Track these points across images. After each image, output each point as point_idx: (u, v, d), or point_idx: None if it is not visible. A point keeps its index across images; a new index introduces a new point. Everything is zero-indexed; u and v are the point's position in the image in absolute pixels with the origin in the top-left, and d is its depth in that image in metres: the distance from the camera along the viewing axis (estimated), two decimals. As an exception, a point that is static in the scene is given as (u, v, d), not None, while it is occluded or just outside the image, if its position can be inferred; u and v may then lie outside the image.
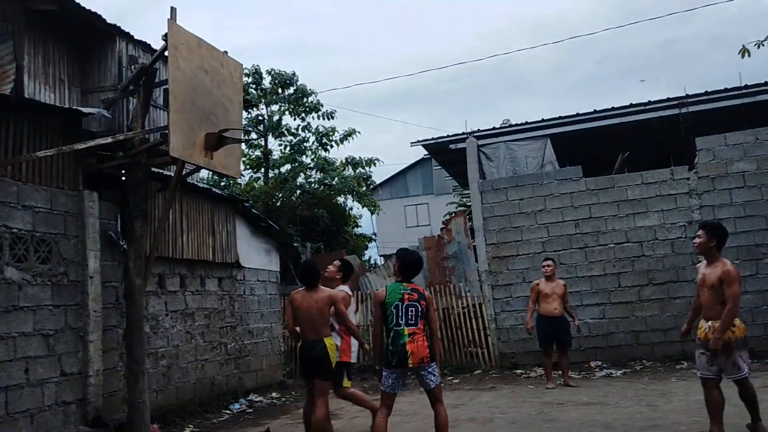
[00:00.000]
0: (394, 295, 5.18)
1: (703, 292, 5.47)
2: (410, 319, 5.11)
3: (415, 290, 5.27)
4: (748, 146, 10.92)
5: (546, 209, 11.91)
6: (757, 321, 10.57)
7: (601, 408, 7.46)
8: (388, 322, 5.12)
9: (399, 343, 5.06)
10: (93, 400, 6.94)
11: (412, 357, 5.06)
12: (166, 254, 8.60)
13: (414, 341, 5.08)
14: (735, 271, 5.33)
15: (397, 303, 5.14)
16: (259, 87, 19.78)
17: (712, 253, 5.47)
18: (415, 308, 5.17)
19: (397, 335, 5.08)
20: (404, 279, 5.33)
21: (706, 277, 5.44)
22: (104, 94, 9.08)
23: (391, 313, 5.12)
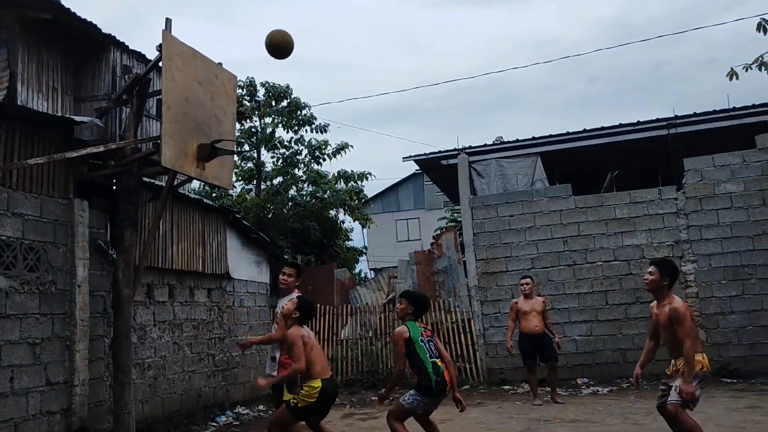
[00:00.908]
0: (416, 332, 5.44)
1: (661, 332, 5.35)
2: (435, 352, 5.43)
3: (426, 328, 5.64)
4: (736, 168, 11.05)
5: (535, 226, 11.99)
6: (742, 341, 10.65)
7: (588, 426, 7.48)
8: (424, 356, 5.34)
9: (440, 373, 5.30)
10: (78, 410, 6.90)
11: (448, 385, 5.36)
12: (155, 264, 8.59)
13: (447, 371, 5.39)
14: (684, 307, 5.14)
15: (422, 338, 5.42)
16: (253, 99, 19.83)
17: (663, 291, 5.29)
18: (433, 343, 5.53)
19: (436, 366, 5.31)
20: (416, 318, 5.62)
21: (659, 317, 5.29)
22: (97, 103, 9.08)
23: (421, 347, 5.36)
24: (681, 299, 5.29)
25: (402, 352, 5.41)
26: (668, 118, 12.22)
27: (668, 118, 12.22)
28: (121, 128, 8.35)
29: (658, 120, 12.35)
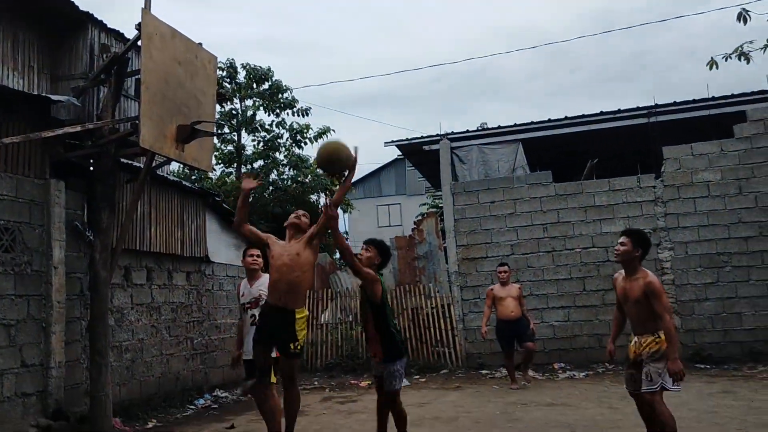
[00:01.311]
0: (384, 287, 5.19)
1: (627, 306, 5.09)
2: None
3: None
4: (713, 157, 11.18)
5: (516, 213, 12.05)
6: (716, 328, 10.83)
7: (564, 409, 7.57)
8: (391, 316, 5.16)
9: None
10: (54, 392, 6.85)
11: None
12: (133, 246, 8.52)
13: None
14: (659, 282, 4.96)
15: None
16: (234, 81, 19.62)
17: (634, 264, 5.04)
18: None
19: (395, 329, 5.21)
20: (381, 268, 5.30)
21: (628, 291, 5.03)
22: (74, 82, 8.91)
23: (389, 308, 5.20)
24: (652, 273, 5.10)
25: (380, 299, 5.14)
26: (648, 106, 12.31)
27: (648, 106, 12.31)
28: (98, 108, 8.21)
29: (639, 108, 12.43)
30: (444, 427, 6.86)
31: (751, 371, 9.68)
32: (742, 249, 10.87)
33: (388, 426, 5.40)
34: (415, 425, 7.04)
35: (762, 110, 11.10)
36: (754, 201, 10.88)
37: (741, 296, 10.78)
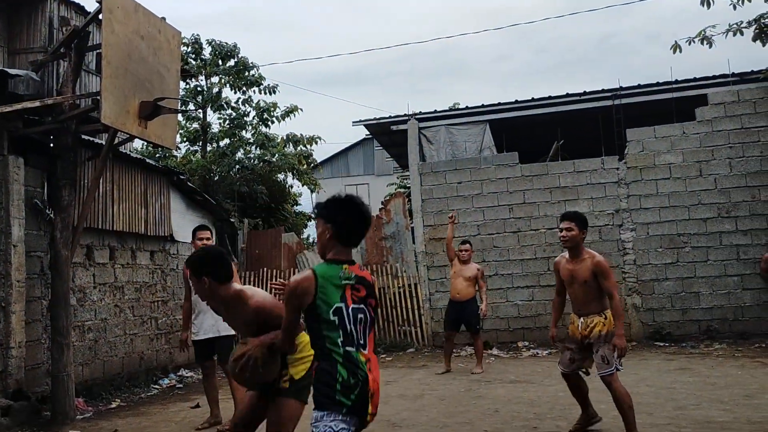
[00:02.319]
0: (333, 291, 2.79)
1: (573, 288, 5.18)
2: (360, 338, 2.82)
3: (362, 281, 2.92)
4: (676, 139, 11.38)
5: (482, 193, 12.14)
6: (675, 307, 11.11)
7: (527, 386, 7.72)
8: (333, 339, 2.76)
9: (360, 373, 2.76)
10: (14, 372, 6.74)
11: (372, 402, 2.80)
12: (95, 225, 8.37)
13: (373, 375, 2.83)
14: (606, 262, 5.11)
15: (339, 306, 2.78)
16: (199, 57, 19.25)
17: (580, 246, 5.15)
18: (364, 315, 2.88)
19: (353, 363, 2.76)
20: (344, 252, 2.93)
21: (576, 272, 5.11)
22: (33, 55, 8.65)
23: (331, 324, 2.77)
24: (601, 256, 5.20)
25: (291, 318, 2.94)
26: (613, 89, 12.46)
27: (613, 89, 12.46)
28: (58, 83, 8.00)
29: (604, 91, 12.58)
30: (410, 404, 6.94)
31: (708, 349, 9.98)
32: (701, 230, 11.14)
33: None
34: (381, 403, 7.08)
35: (723, 94, 11.32)
36: (713, 183, 11.14)
37: (699, 276, 11.07)
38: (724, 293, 10.96)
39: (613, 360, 4.93)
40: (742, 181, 11.03)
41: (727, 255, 10.99)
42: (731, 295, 10.92)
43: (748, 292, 10.87)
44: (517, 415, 6.10)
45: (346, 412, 2.69)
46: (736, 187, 11.04)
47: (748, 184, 11.00)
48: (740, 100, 11.18)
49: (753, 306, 10.82)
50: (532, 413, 6.17)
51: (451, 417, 6.19)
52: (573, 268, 5.17)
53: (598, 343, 5.00)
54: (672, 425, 5.40)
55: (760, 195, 10.94)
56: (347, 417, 2.69)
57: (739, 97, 11.19)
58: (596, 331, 5.02)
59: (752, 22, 9.69)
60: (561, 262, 5.33)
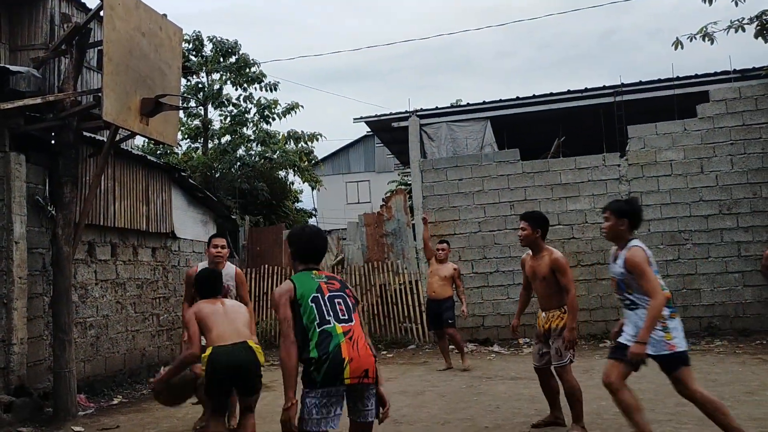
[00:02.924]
0: (308, 287, 3.49)
1: (536, 284, 5.42)
2: (341, 314, 3.44)
3: (332, 278, 3.67)
4: (677, 136, 11.37)
5: (483, 190, 12.13)
6: (677, 303, 11.07)
7: (528, 382, 7.72)
8: (310, 322, 3.37)
9: (331, 347, 3.30)
10: (16, 368, 6.75)
11: (350, 367, 3.29)
12: (96, 222, 8.38)
13: (353, 343, 3.36)
14: (564, 258, 5.29)
15: (315, 296, 3.46)
16: (200, 54, 19.27)
17: (538, 244, 5.36)
18: (343, 299, 3.56)
19: (326, 336, 3.33)
20: (309, 265, 3.68)
21: (536, 268, 5.34)
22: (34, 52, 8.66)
23: (308, 309, 3.40)
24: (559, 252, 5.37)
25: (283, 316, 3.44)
26: (615, 86, 12.45)
27: (615, 86, 12.45)
28: (59, 80, 8.01)
29: (605, 87, 12.57)
30: (411, 401, 6.95)
31: (709, 345, 9.99)
32: (702, 227, 11.13)
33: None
34: (382, 399, 7.13)
35: (724, 91, 11.31)
36: (714, 180, 11.13)
37: (700, 273, 11.07)
38: (725, 290, 10.96)
39: (567, 353, 5.18)
40: (743, 178, 11.03)
41: (729, 252, 10.99)
42: (732, 292, 10.93)
43: (749, 288, 10.87)
44: (518, 411, 6.12)
45: (319, 385, 3.27)
46: (738, 183, 11.03)
47: (750, 180, 11.00)
48: (741, 96, 11.17)
49: (754, 303, 10.82)
50: (533, 409, 6.18)
51: (452, 413, 6.20)
52: (534, 265, 5.41)
53: (554, 336, 5.26)
54: (673, 421, 5.41)
55: (761, 192, 10.93)
56: (320, 389, 3.28)
57: (741, 94, 11.18)
58: (554, 324, 5.27)
59: (754, 19, 9.69)
60: (526, 259, 5.59)
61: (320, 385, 3.27)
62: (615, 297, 11.22)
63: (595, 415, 5.79)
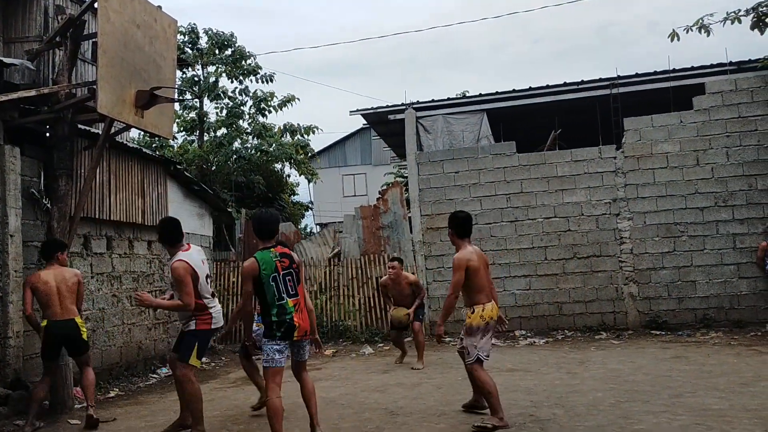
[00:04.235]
0: (269, 267, 4.76)
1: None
2: (290, 290, 4.80)
3: (285, 255, 4.89)
4: (673, 128, 11.38)
5: (480, 183, 12.13)
6: (672, 295, 11.15)
7: (524, 374, 7.76)
8: (270, 296, 4.73)
9: (286, 316, 4.74)
10: (12, 361, 6.74)
11: (298, 330, 4.79)
12: (92, 215, 8.36)
13: (299, 312, 4.82)
14: (458, 259, 5.46)
15: (274, 275, 4.76)
16: (196, 47, 19.20)
17: (456, 242, 5.69)
18: (292, 276, 4.85)
19: (283, 309, 4.74)
20: (267, 242, 4.91)
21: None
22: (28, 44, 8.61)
23: (269, 287, 4.73)
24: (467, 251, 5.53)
25: (249, 291, 4.81)
26: (611, 78, 12.44)
27: (611, 78, 12.44)
28: (54, 72, 7.96)
29: (601, 80, 12.55)
30: (407, 393, 6.97)
31: (704, 337, 10.03)
32: (698, 219, 11.16)
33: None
34: (378, 391, 7.16)
35: (720, 83, 11.31)
36: (710, 172, 11.15)
37: (696, 265, 11.10)
38: (720, 282, 11.00)
39: (474, 351, 5.41)
40: (739, 170, 11.05)
41: (724, 244, 11.02)
42: (727, 284, 10.96)
43: (745, 280, 10.91)
44: (515, 403, 6.13)
45: (279, 338, 4.75)
46: (733, 176, 11.06)
47: (745, 173, 11.02)
48: (737, 89, 11.17)
49: (749, 294, 10.86)
50: (529, 401, 6.20)
51: (449, 405, 6.22)
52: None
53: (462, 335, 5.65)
54: (668, 413, 5.43)
55: (756, 184, 10.96)
56: (278, 341, 4.77)
57: (737, 86, 11.19)
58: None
59: (750, 11, 9.68)
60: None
61: (279, 339, 4.76)
62: (611, 289, 11.32)
63: (591, 406, 5.82)
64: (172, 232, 5.54)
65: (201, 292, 5.38)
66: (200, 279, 5.38)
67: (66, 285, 6.32)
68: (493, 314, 5.47)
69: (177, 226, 5.60)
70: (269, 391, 4.74)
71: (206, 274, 5.52)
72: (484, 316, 5.41)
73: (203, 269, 5.47)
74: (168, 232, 5.57)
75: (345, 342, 11.90)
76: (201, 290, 5.38)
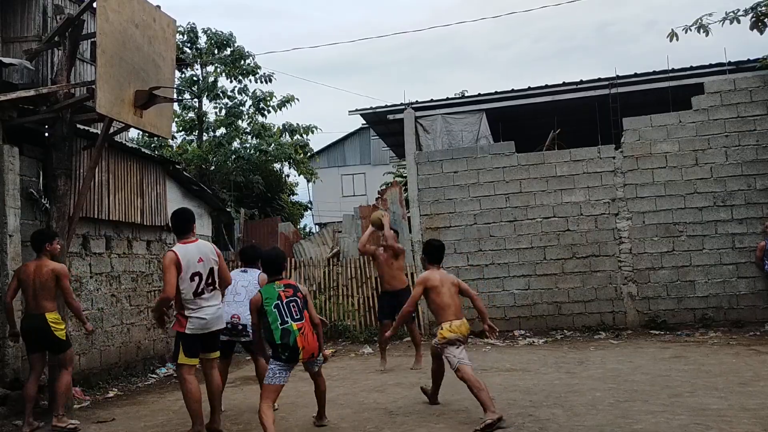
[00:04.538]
0: (271, 296, 5.15)
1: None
2: (295, 315, 5.13)
3: (288, 286, 5.29)
4: (672, 128, 11.38)
5: (479, 182, 12.13)
6: (671, 295, 11.15)
7: (523, 374, 7.75)
8: (272, 321, 5.07)
9: (291, 339, 5.03)
10: (11, 361, 6.74)
11: (303, 352, 5.09)
12: (91, 215, 8.35)
13: (304, 335, 5.11)
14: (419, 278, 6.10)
15: (276, 303, 5.13)
16: (195, 46, 19.21)
17: (425, 266, 6.23)
18: (296, 303, 5.20)
19: (286, 333, 5.04)
20: (272, 277, 5.35)
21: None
22: (27, 44, 8.61)
23: (272, 313, 5.08)
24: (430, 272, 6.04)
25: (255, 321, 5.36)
26: (610, 78, 12.45)
27: (610, 78, 12.45)
28: (53, 72, 7.96)
29: (600, 80, 12.57)
30: (406, 393, 6.97)
31: (703, 337, 10.04)
32: (696, 219, 11.16)
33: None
34: (377, 391, 7.16)
35: (719, 83, 11.32)
36: (709, 172, 11.15)
37: (695, 264, 11.10)
38: (719, 282, 11.00)
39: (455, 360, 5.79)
40: (738, 170, 11.05)
41: (723, 243, 11.03)
42: (726, 284, 10.97)
43: (743, 280, 10.91)
44: (514, 402, 6.14)
45: (283, 361, 5.07)
46: (732, 176, 11.06)
47: (744, 172, 11.02)
48: (736, 88, 11.18)
49: (748, 294, 10.87)
50: (528, 401, 6.20)
51: (447, 405, 6.22)
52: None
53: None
54: (667, 412, 5.43)
55: (755, 184, 10.96)
56: (283, 363, 5.08)
57: (735, 86, 11.19)
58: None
59: (749, 10, 9.69)
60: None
61: (284, 361, 5.07)
62: (610, 289, 11.32)
63: (590, 406, 5.82)
64: (177, 224, 5.61)
65: (180, 283, 5.23)
66: (182, 274, 5.24)
67: (40, 279, 6.06)
68: (462, 330, 5.81)
69: (184, 218, 5.61)
70: (262, 402, 5.04)
71: (197, 271, 5.32)
72: (452, 330, 5.78)
73: (196, 265, 5.32)
74: (174, 223, 5.68)
75: (344, 342, 11.90)
76: (180, 282, 5.23)
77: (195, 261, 5.33)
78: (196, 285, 5.31)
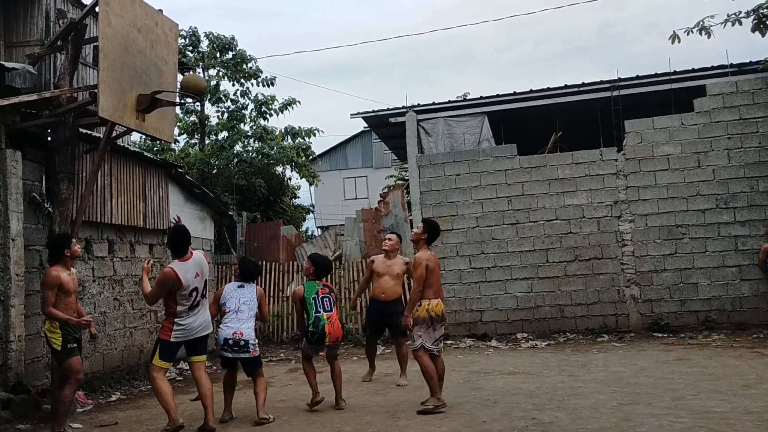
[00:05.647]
0: (311, 291, 6.46)
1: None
2: (327, 307, 6.43)
3: (325, 286, 6.62)
4: (674, 130, 11.37)
5: (481, 185, 12.13)
6: (674, 297, 11.13)
7: (526, 377, 7.74)
8: (310, 311, 6.36)
9: (320, 326, 6.31)
10: (15, 365, 6.75)
11: (329, 337, 6.35)
12: (93, 218, 8.36)
13: (331, 323, 6.38)
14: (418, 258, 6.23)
15: (314, 296, 6.43)
16: (197, 50, 19.23)
17: (421, 245, 6.44)
18: (329, 298, 6.51)
19: (317, 320, 6.33)
20: (317, 278, 6.62)
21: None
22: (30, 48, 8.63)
23: (310, 304, 6.38)
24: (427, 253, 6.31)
25: (298, 308, 6.54)
26: (612, 80, 12.44)
27: (612, 80, 12.44)
28: (55, 76, 7.99)
29: (602, 82, 12.56)
30: (409, 395, 6.97)
31: (706, 339, 10.01)
32: (699, 221, 11.14)
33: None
34: (380, 394, 7.16)
35: (721, 85, 11.31)
36: (711, 174, 11.14)
37: (698, 267, 11.08)
38: (722, 284, 10.98)
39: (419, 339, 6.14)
40: (740, 172, 11.04)
41: (726, 246, 11.01)
42: (729, 286, 10.95)
43: (747, 282, 10.89)
44: (516, 405, 6.13)
45: (314, 343, 6.38)
46: (735, 178, 11.04)
47: (747, 175, 11.01)
48: (738, 91, 11.17)
49: (751, 297, 10.84)
50: (531, 404, 6.19)
51: (450, 408, 6.21)
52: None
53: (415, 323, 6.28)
54: (670, 415, 5.42)
55: (758, 186, 10.95)
56: (312, 345, 6.43)
57: (738, 88, 11.18)
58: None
59: (751, 12, 9.68)
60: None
61: (314, 342, 6.37)
62: (612, 291, 11.32)
63: (593, 409, 5.81)
64: (176, 245, 5.79)
65: (178, 299, 5.56)
66: (183, 287, 5.53)
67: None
68: (438, 310, 6.16)
69: (180, 240, 5.75)
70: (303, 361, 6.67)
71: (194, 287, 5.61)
72: (429, 310, 6.11)
73: (193, 281, 5.62)
74: (172, 244, 5.86)
75: (346, 345, 11.88)
76: (179, 298, 5.56)
77: (193, 277, 5.64)
78: (193, 299, 5.65)
